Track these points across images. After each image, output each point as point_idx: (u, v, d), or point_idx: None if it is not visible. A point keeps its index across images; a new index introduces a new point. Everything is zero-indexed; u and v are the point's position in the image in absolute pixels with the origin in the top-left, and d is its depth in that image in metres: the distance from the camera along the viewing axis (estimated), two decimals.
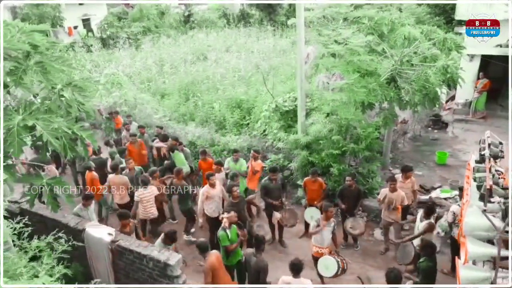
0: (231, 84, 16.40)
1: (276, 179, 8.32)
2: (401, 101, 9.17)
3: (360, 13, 9.71)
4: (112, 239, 6.30)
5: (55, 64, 5.28)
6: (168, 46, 24.37)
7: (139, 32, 29.49)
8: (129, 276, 6.43)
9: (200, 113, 14.07)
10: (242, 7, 33.65)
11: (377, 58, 9.26)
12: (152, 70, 19.65)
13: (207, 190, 7.94)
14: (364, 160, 9.29)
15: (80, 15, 28.85)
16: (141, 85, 17.91)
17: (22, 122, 4.85)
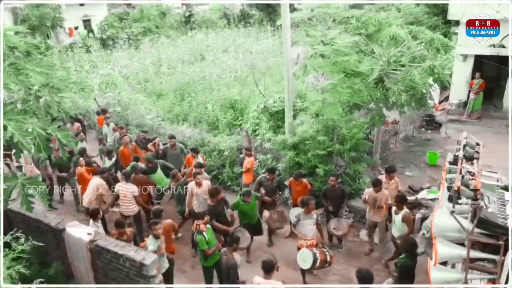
0: (227, 84, 16.44)
1: (273, 179, 8.38)
2: (388, 101, 9.16)
3: (348, 13, 9.70)
4: (91, 238, 6.35)
5: (29, 65, 5.32)
6: (167, 47, 24.48)
7: (140, 32, 29.65)
8: (108, 275, 6.48)
9: (194, 113, 14.14)
10: (242, 8, 33.69)
11: (365, 58, 9.25)
12: (149, 70, 19.73)
13: (193, 187, 8.05)
14: (350, 161, 9.27)
15: (80, 16, 29.04)
16: (137, 85, 17.99)
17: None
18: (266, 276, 5.64)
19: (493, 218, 4.68)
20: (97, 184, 8.31)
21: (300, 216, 7.09)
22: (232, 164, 10.66)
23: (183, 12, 33.99)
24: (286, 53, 9.01)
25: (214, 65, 19.54)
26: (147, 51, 23.13)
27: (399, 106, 9.11)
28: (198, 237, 6.67)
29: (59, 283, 6.91)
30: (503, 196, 5.19)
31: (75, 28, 28.39)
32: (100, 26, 27.57)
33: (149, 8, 32.62)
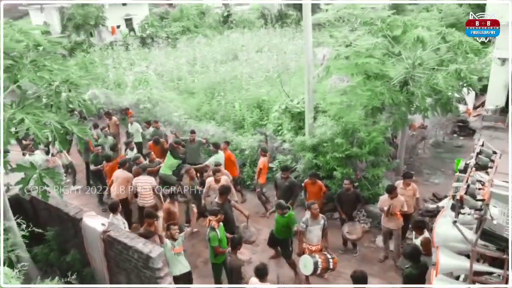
0: (257, 84, 16.52)
1: (287, 177, 8.39)
2: (411, 105, 8.92)
3: (373, 14, 9.52)
4: (104, 229, 6.62)
5: (47, 62, 5.62)
6: (203, 46, 24.92)
7: (178, 31, 30.34)
8: (119, 265, 6.73)
9: (221, 112, 14.33)
10: (280, 8, 33.66)
11: (389, 60, 9.06)
12: (183, 69, 20.16)
13: (211, 183, 8.32)
14: (370, 165, 9.10)
15: (123, 15, 30.11)
16: (171, 83, 18.46)
17: (12, 116, 5.20)
18: (261, 281, 5.67)
19: (498, 230, 4.46)
20: (117, 175, 8.66)
21: (308, 221, 7.01)
22: (253, 163, 10.75)
23: (221, 12, 34.43)
24: (307, 54, 8.96)
25: (246, 65, 19.67)
26: (183, 50, 23.66)
27: (422, 110, 8.85)
28: (211, 233, 6.76)
29: (76, 269, 7.25)
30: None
31: (117, 27, 29.46)
32: (140, 25, 28.46)
33: (189, 8, 33.27)
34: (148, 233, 6.76)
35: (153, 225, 6.99)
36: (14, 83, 6.05)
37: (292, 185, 8.47)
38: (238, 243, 6.47)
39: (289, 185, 8.37)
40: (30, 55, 5.78)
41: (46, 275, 7.61)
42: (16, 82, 5.95)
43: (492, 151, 5.83)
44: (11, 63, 5.52)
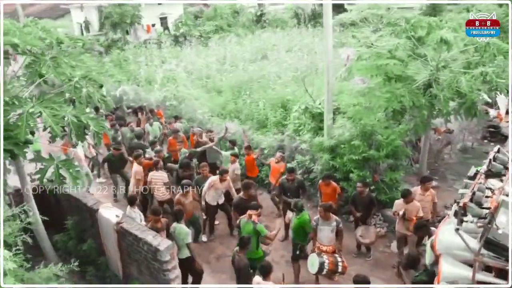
0: (284, 84, 16.50)
1: (292, 179, 8.37)
2: (433, 108, 8.68)
3: (398, 14, 9.32)
4: (118, 220, 6.86)
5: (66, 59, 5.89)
6: (234, 45, 25.15)
7: (211, 30, 30.77)
8: (131, 256, 6.96)
9: (246, 111, 14.44)
10: (314, 7, 33.43)
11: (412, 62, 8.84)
12: (213, 67, 20.42)
13: (216, 182, 8.37)
14: (388, 169, 8.92)
15: (158, 14, 30.86)
16: (199, 81, 18.75)
17: (32, 109, 5.50)
18: (265, 279, 5.70)
19: (503, 240, 4.29)
20: (135, 170, 8.93)
21: (318, 221, 6.99)
22: None
23: (255, 11, 34.59)
24: (327, 54, 8.89)
25: (275, 64, 19.68)
26: (214, 49, 23.97)
27: (444, 114, 8.59)
28: (258, 226, 6.79)
29: (91, 258, 7.58)
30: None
31: (152, 25, 30.23)
32: (174, 23, 29.06)
33: (223, 7, 33.65)
34: (154, 229, 6.81)
35: (159, 222, 7.03)
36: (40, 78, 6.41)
37: (301, 184, 8.48)
38: (247, 243, 6.51)
39: (298, 185, 8.35)
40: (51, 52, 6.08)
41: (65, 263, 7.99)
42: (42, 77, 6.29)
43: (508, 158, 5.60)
44: (33, 59, 5.83)
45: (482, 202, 4.53)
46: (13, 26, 5.65)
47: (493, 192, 4.89)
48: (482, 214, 4.34)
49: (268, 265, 5.80)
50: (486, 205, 4.54)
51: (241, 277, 6.40)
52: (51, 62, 5.81)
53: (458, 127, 11.48)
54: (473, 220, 4.38)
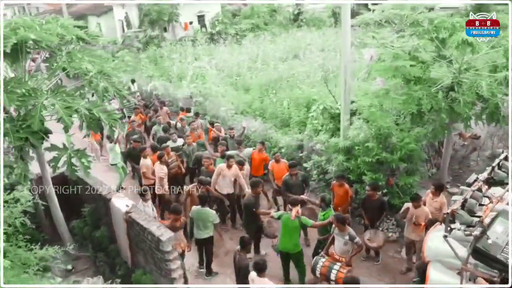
0: (312, 83, 16.42)
1: (296, 174, 8.39)
2: (454, 112, 8.39)
3: (421, 15, 9.07)
4: (127, 210, 7.16)
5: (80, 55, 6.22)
6: (268, 43, 25.23)
7: (247, 29, 30.98)
8: (138, 245, 7.25)
9: (270, 109, 14.49)
10: (352, 7, 32.81)
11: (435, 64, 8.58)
12: (244, 65, 20.60)
13: (223, 169, 8.61)
14: (404, 172, 8.73)
15: (196, 12, 31.39)
16: (229, 79, 18.98)
17: (45, 101, 5.86)
18: (260, 275, 5.77)
19: (492, 250, 4.14)
20: (141, 164, 9.24)
21: (335, 228, 6.86)
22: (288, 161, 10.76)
23: (292, 10, 34.45)
24: (344, 54, 8.81)
25: (307, 64, 19.59)
26: (248, 47, 24.15)
27: (464, 118, 8.29)
28: (302, 218, 6.99)
29: (103, 245, 7.95)
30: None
31: (190, 23, 30.79)
32: (211, 21, 29.50)
33: (260, 6, 33.77)
34: (173, 228, 6.87)
35: (179, 221, 7.07)
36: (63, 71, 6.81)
37: (305, 179, 8.57)
38: (248, 243, 6.61)
39: (303, 180, 8.42)
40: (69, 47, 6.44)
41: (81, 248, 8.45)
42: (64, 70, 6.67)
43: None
44: (50, 54, 6.20)
45: (475, 210, 4.38)
46: (34, 22, 6.02)
47: (490, 200, 4.72)
48: (471, 222, 4.20)
49: (263, 261, 5.88)
50: (479, 214, 4.39)
51: (240, 277, 6.48)
52: (66, 57, 6.14)
53: (486, 133, 11.00)
54: (460, 227, 4.25)
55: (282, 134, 12.34)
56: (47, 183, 7.53)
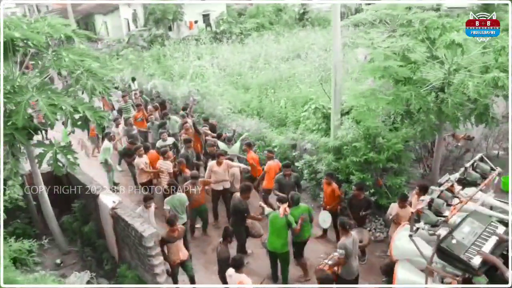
0: (311, 83, 16.44)
1: (289, 174, 8.42)
2: (442, 113, 8.38)
3: (413, 16, 9.04)
4: (113, 206, 7.29)
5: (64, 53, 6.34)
6: (271, 43, 25.27)
7: (252, 28, 31.06)
8: (124, 240, 7.38)
9: (267, 108, 14.56)
10: (358, 6, 32.73)
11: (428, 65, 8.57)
12: (246, 64, 20.68)
13: (213, 166, 8.77)
14: (392, 173, 8.74)
15: (201, 11, 31.58)
16: (230, 78, 19.07)
17: (30, 98, 6.00)
18: (237, 271, 5.84)
19: (456, 250, 4.16)
20: (137, 162, 9.39)
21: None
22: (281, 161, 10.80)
23: (298, 10, 34.44)
24: (334, 54, 8.84)
25: (308, 63, 19.60)
26: (251, 46, 24.23)
27: (453, 120, 8.27)
28: (289, 216, 6.99)
29: (91, 240, 8.10)
30: (493, 231, 4.52)
31: (195, 22, 31.01)
32: (216, 21, 29.64)
33: (265, 5, 33.82)
34: (171, 238, 6.69)
35: (176, 231, 6.75)
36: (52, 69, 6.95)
37: (297, 180, 8.52)
38: (228, 236, 6.70)
39: (295, 181, 8.38)
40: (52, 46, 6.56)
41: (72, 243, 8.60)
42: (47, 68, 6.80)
43: (491, 167, 5.38)
44: (36, 52, 6.34)
45: (442, 210, 4.40)
46: (21, 22, 6.16)
47: (461, 201, 4.73)
48: (436, 221, 4.23)
49: (240, 258, 5.96)
50: (449, 214, 4.41)
51: (222, 269, 6.57)
52: (52, 55, 6.27)
53: (480, 134, 10.94)
54: (424, 227, 4.28)
55: (278, 133, 12.41)
56: (37, 179, 7.68)
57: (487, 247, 4.35)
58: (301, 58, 21.12)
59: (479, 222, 4.63)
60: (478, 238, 4.44)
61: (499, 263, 4.04)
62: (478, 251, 4.19)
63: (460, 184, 5.20)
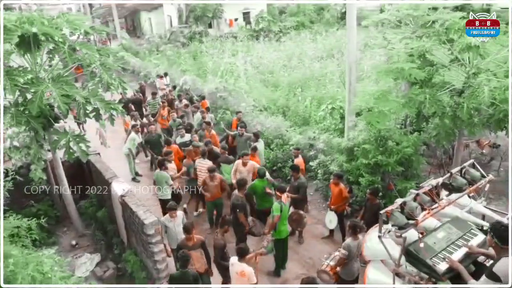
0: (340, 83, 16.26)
1: (296, 177, 8.40)
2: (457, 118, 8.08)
3: (434, 16, 8.76)
4: (122, 193, 7.68)
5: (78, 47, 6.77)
6: (308, 41, 25.17)
7: (292, 26, 31.05)
8: (131, 227, 7.75)
9: (293, 107, 14.60)
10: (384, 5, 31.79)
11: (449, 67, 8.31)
12: (279, 63, 20.75)
13: (239, 165, 8.87)
14: (403, 177, 8.55)
15: (241, 9, 31.94)
16: (262, 76, 19.22)
17: (45, 89, 6.47)
18: (240, 260, 5.97)
19: (422, 254, 4.09)
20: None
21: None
22: None
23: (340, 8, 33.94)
24: (349, 55, 8.77)
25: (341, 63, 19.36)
26: (287, 44, 24.26)
27: (468, 125, 7.95)
28: (275, 204, 7.20)
29: (104, 224, 8.57)
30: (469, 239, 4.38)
31: (235, 20, 31.42)
32: (255, 18, 29.90)
33: (307, 4, 33.64)
34: (185, 247, 6.31)
35: (191, 240, 6.41)
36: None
37: (300, 185, 8.32)
38: (225, 224, 6.87)
39: (298, 185, 8.28)
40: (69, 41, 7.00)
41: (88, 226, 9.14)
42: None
43: (482, 174, 5.19)
44: (54, 47, 6.81)
45: (415, 213, 4.33)
46: (41, 18, 6.63)
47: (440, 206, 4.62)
48: (404, 224, 4.18)
49: (246, 247, 6.06)
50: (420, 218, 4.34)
51: (217, 256, 6.71)
52: (68, 50, 6.71)
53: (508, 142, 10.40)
54: (391, 229, 4.24)
55: (300, 132, 12.42)
56: (57, 165, 8.23)
57: (458, 254, 4.25)
58: (334, 57, 20.88)
59: (457, 229, 4.53)
60: (452, 245, 4.35)
61: (463, 271, 3.93)
62: (445, 257, 4.11)
63: (447, 190, 5.07)
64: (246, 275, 5.73)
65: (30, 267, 4.46)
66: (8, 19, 6.38)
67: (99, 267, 7.82)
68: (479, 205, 5.12)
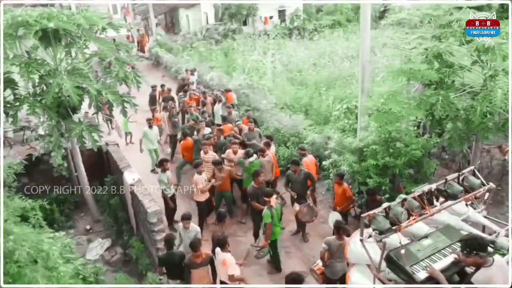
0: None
1: (296, 171, 8.41)
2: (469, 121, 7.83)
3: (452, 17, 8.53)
4: (131, 183, 8.03)
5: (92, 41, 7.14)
6: (342, 40, 24.87)
7: (327, 25, 30.71)
8: (138, 215, 8.10)
9: (315, 106, 14.54)
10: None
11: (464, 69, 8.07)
12: (309, 61, 20.64)
13: (229, 153, 9.19)
14: (413, 180, 8.38)
15: (277, 6, 31.87)
16: (290, 74, 19.19)
17: (60, 80, 6.88)
18: (222, 250, 6.14)
19: (402, 260, 4.04)
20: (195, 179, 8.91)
21: None
22: None
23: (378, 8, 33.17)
24: (362, 54, 8.68)
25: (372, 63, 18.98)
26: (318, 43, 24.08)
27: (481, 129, 7.68)
28: (265, 211, 7.20)
29: (116, 211, 8.98)
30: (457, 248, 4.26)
31: (270, 18, 31.43)
32: (290, 16, 29.83)
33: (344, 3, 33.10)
34: (193, 264, 6.16)
35: (199, 257, 6.17)
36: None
37: (308, 175, 8.35)
38: (224, 217, 7.06)
39: (305, 176, 8.29)
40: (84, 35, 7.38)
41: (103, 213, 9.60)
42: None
43: (482, 182, 5.01)
44: (70, 41, 7.22)
45: (400, 218, 4.27)
46: (60, 14, 7.05)
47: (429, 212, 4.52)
48: (385, 228, 4.15)
49: (224, 238, 6.23)
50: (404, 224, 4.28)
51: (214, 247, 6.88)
52: (83, 44, 7.11)
53: None
54: (372, 233, 4.21)
55: (319, 131, 12.36)
56: (75, 153, 8.71)
57: (443, 262, 4.17)
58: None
59: (446, 237, 4.43)
60: (437, 253, 4.27)
61: (442, 280, 3.87)
62: (426, 266, 4.04)
63: (442, 196, 4.95)
64: (227, 264, 5.88)
65: (27, 244, 4.80)
66: (30, 14, 6.84)
67: (108, 251, 8.23)
68: (477, 214, 4.94)
